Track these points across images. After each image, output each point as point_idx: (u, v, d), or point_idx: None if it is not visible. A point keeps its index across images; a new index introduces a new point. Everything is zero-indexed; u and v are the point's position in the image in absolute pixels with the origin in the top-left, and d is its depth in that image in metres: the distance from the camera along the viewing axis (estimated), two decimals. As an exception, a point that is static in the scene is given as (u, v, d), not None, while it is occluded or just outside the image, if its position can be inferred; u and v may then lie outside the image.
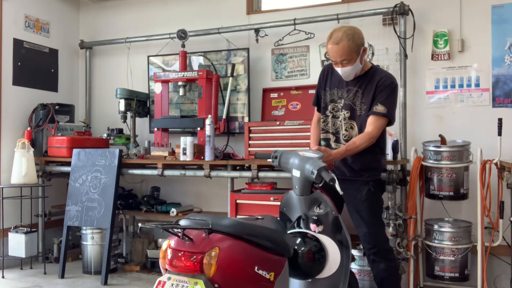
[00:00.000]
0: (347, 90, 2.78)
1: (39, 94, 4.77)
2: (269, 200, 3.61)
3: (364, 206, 2.71)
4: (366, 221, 2.70)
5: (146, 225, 1.99)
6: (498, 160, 3.27)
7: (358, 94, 2.74)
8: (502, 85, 3.73)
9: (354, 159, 2.72)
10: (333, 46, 2.64)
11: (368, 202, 2.72)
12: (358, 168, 2.74)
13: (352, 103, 2.76)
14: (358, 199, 2.71)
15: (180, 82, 4.38)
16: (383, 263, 2.69)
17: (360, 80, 2.75)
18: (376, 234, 2.71)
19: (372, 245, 2.70)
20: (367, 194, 2.71)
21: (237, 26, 4.51)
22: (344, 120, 2.79)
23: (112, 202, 4.01)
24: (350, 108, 2.76)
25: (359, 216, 2.72)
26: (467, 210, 3.66)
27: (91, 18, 5.35)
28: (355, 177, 2.75)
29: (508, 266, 3.50)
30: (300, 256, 2.33)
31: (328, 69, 2.90)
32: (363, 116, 2.72)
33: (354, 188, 2.72)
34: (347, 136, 2.77)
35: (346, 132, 2.78)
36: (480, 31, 3.79)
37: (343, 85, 2.80)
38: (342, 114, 2.79)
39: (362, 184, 2.72)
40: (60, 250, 4.24)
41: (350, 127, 2.76)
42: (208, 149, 3.88)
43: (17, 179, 4.21)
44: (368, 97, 2.70)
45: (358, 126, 2.75)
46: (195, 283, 1.84)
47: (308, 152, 2.54)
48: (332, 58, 2.69)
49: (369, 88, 2.71)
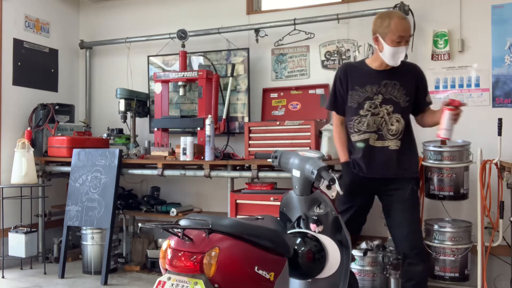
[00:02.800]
0: (384, 85, 2.69)
1: (39, 94, 4.77)
2: (269, 200, 3.61)
3: (407, 205, 2.66)
4: (409, 221, 2.65)
5: (146, 225, 1.99)
6: (498, 160, 3.27)
7: (396, 86, 2.68)
8: (502, 85, 3.73)
9: (400, 156, 2.68)
10: (401, 20, 2.55)
11: (411, 201, 2.67)
12: (404, 166, 2.69)
13: (394, 96, 2.68)
14: (402, 198, 2.66)
15: (180, 82, 4.38)
16: (421, 265, 2.64)
17: (395, 72, 2.69)
18: (418, 234, 2.68)
19: (413, 246, 2.64)
20: (411, 193, 2.67)
21: (237, 26, 4.51)
22: (388, 115, 2.68)
23: (112, 202, 4.01)
24: (393, 102, 2.68)
25: (402, 215, 2.65)
26: (467, 210, 3.66)
27: (91, 18, 5.35)
28: (400, 175, 2.69)
29: (508, 266, 3.50)
30: (300, 256, 2.33)
31: (347, 69, 2.81)
32: (407, 108, 2.69)
33: (398, 187, 2.67)
34: (395, 131, 2.68)
35: (392, 126, 2.68)
36: (480, 31, 3.79)
37: (376, 80, 2.70)
38: (384, 109, 2.69)
39: (406, 183, 2.68)
40: (60, 250, 4.24)
41: (396, 121, 2.68)
42: (208, 149, 3.88)
43: (17, 179, 4.21)
44: (408, 88, 2.68)
45: (405, 118, 2.69)
46: (195, 283, 1.84)
47: (308, 152, 2.54)
48: (400, 33, 2.55)
49: (406, 78, 2.69)
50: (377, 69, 2.72)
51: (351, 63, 2.83)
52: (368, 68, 2.75)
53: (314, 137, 3.68)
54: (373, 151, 2.71)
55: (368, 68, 2.75)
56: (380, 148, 2.69)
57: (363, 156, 2.72)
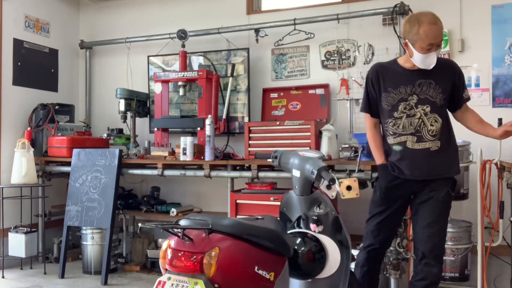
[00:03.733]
0: (418, 84, 2.58)
1: (39, 94, 4.77)
2: (269, 200, 3.61)
3: (438, 207, 2.59)
4: (437, 222, 2.59)
5: (146, 225, 1.99)
6: (498, 160, 3.27)
7: (432, 85, 2.58)
8: (502, 85, 3.73)
9: (442, 156, 2.60)
10: (432, 26, 2.42)
11: (444, 203, 2.60)
12: (447, 165, 2.62)
13: (430, 96, 2.57)
14: (436, 199, 2.59)
15: (180, 82, 4.38)
16: (436, 267, 2.60)
17: (430, 70, 2.56)
18: (441, 237, 2.62)
19: (434, 248, 2.59)
20: (446, 195, 2.59)
21: (237, 26, 4.51)
22: (426, 115, 2.57)
23: (112, 202, 4.01)
24: (429, 102, 2.57)
25: (431, 216, 2.59)
26: (467, 210, 3.66)
27: (91, 18, 5.35)
28: (444, 175, 2.61)
29: (508, 266, 3.50)
30: (300, 256, 2.33)
31: (379, 70, 2.70)
32: (444, 106, 2.61)
33: (435, 189, 2.60)
34: (434, 131, 2.57)
35: (432, 127, 2.57)
36: (480, 31, 3.79)
37: (411, 81, 2.59)
38: (420, 110, 2.58)
39: (443, 185, 2.59)
40: (60, 250, 4.24)
41: (434, 121, 2.58)
42: (208, 149, 3.88)
43: (17, 179, 4.21)
44: (444, 85, 2.58)
45: (443, 117, 2.60)
46: (195, 283, 1.84)
47: (308, 152, 2.54)
48: (431, 40, 2.44)
49: (442, 76, 2.58)
50: (410, 69, 2.61)
51: (383, 63, 2.72)
52: (401, 68, 2.64)
53: (314, 137, 3.68)
54: (414, 154, 2.61)
55: (401, 69, 2.64)
56: (420, 150, 2.60)
57: (402, 159, 2.63)
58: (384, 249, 2.85)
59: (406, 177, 2.63)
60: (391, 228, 2.79)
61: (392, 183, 2.68)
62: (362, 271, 2.80)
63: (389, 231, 2.77)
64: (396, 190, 2.68)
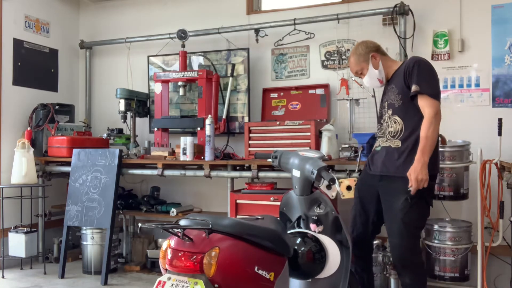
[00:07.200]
0: (387, 92, 2.82)
1: (39, 94, 4.77)
2: (269, 200, 3.61)
3: (400, 218, 2.57)
4: (400, 232, 2.58)
5: (146, 225, 1.99)
6: (498, 160, 3.27)
7: (393, 89, 2.73)
8: (502, 85, 3.73)
9: (396, 153, 2.65)
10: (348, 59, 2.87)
11: (405, 214, 2.56)
12: (393, 164, 2.65)
13: (391, 100, 2.73)
14: (395, 208, 2.59)
15: (180, 82, 4.38)
16: (408, 277, 2.60)
17: (392, 77, 2.78)
18: (410, 247, 2.60)
19: (401, 256, 2.60)
20: (404, 205, 2.56)
21: (237, 26, 4.51)
22: (389, 118, 2.73)
23: (112, 202, 4.01)
24: (391, 105, 2.73)
25: (392, 226, 2.62)
26: (467, 210, 3.66)
27: (91, 18, 5.35)
28: (399, 174, 2.60)
29: (508, 266, 3.50)
30: (300, 256, 2.33)
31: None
32: (403, 106, 2.66)
33: (389, 193, 2.64)
34: (392, 133, 2.69)
35: (391, 128, 2.71)
36: (480, 31, 3.79)
37: (384, 90, 2.86)
38: (386, 114, 2.76)
39: (398, 191, 2.59)
40: (60, 250, 4.24)
41: (394, 122, 2.70)
42: (208, 149, 3.88)
43: (17, 179, 4.21)
44: (399, 85, 2.68)
45: (407, 118, 2.65)
46: (195, 283, 1.84)
47: (308, 152, 2.54)
48: (351, 70, 2.92)
49: (398, 78, 2.70)
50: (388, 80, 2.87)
51: None
52: None
53: (314, 137, 3.68)
54: (379, 151, 2.77)
55: None
56: (383, 148, 2.73)
57: (372, 156, 2.84)
58: (365, 240, 2.85)
59: (368, 171, 2.82)
60: (365, 217, 2.81)
61: (362, 176, 2.91)
62: None
63: (363, 220, 2.82)
64: (364, 183, 2.84)
